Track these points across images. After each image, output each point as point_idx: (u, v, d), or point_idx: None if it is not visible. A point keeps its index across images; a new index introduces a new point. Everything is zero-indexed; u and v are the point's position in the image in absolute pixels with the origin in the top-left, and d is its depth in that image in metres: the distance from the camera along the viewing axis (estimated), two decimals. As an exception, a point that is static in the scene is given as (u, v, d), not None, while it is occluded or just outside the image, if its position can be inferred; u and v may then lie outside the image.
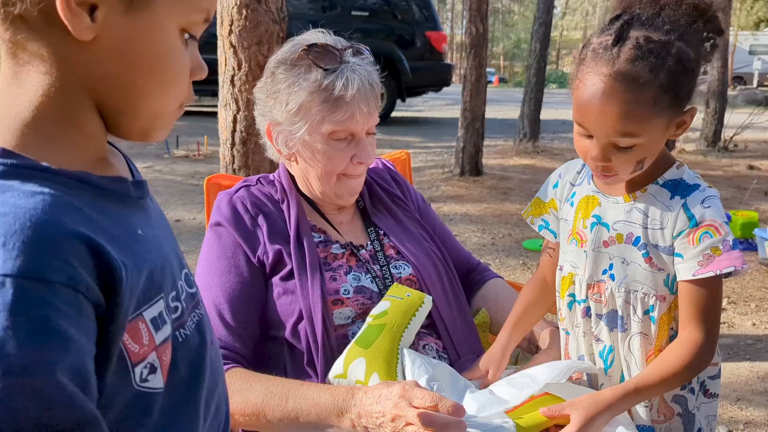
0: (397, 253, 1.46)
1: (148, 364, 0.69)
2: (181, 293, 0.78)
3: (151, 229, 0.76)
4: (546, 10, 8.60)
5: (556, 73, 41.49)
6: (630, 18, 1.12)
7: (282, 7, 2.92)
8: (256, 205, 1.42)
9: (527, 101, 8.75)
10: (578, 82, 1.14)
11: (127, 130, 0.73)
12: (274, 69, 1.39)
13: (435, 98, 16.86)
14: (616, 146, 1.13)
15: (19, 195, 0.61)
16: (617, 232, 1.24)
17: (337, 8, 10.62)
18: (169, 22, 0.69)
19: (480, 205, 5.86)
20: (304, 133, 1.36)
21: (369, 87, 1.36)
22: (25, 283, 0.57)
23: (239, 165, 3.02)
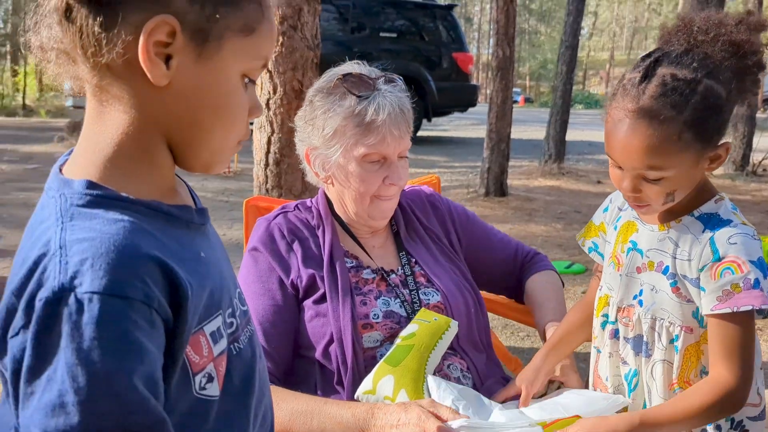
0: (428, 281, 1.52)
1: (206, 374, 0.77)
2: (236, 310, 0.87)
3: (212, 251, 0.85)
4: (572, 33, 8.66)
5: (583, 93, 41.35)
6: (660, 55, 1.16)
7: (316, 34, 3.04)
8: (292, 231, 1.50)
9: (553, 123, 8.78)
10: (607, 116, 1.20)
11: (193, 163, 0.82)
12: (312, 98, 1.49)
13: (460, 118, 16.94)
14: (644, 178, 1.17)
15: (103, 222, 0.70)
16: (649, 259, 1.27)
17: (366, 29, 10.79)
18: (233, 69, 0.78)
19: (505, 225, 5.90)
20: (339, 156, 1.44)
21: (399, 112, 1.44)
22: (109, 300, 0.65)
23: (272, 185, 3.13)
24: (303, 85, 3.00)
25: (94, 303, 0.64)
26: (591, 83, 58.92)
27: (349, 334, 1.37)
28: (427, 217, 1.66)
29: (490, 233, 1.74)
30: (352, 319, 1.38)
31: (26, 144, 10.15)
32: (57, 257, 0.66)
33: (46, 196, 0.75)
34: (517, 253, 1.74)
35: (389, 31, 10.89)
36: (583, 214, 6.46)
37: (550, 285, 1.67)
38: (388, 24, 10.93)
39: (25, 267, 0.68)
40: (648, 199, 1.20)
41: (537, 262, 1.74)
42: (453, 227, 1.68)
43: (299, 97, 2.96)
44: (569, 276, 4.56)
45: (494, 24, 6.54)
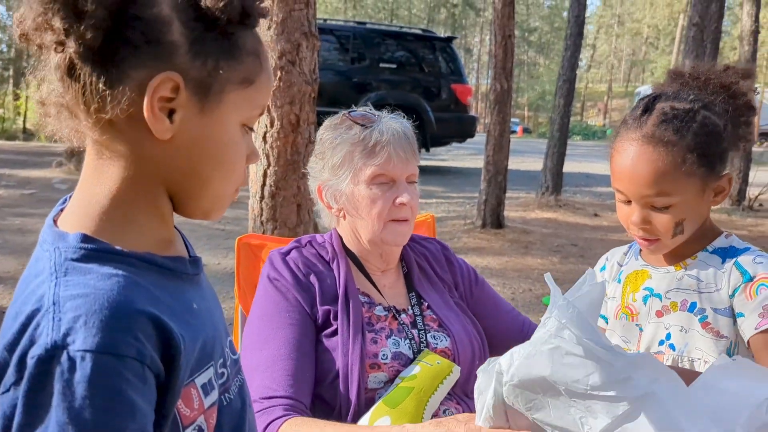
0: (439, 325, 1.51)
1: (196, 427, 0.77)
2: (227, 359, 0.86)
3: (204, 302, 0.85)
4: (570, 67, 8.75)
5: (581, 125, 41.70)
6: (657, 94, 1.23)
7: (314, 69, 3.07)
8: (307, 265, 1.50)
9: (550, 155, 8.83)
10: (612, 151, 1.25)
11: (192, 211, 0.83)
12: (321, 135, 1.54)
13: (459, 148, 17.04)
14: (653, 207, 1.19)
15: (97, 277, 0.70)
16: (671, 300, 1.26)
17: (366, 60, 10.90)
18: (233, 119, 0.79)
19: (501, 258, 5.89)
20: (348, 184, 1.46)
21: (403, 135, 1.48)
22: (101, 358, 0.65)
23: (267, 217, 3.13)
24: (300, 119, 3.02)
25: (86, 361, 0.64)
26: (589, 114, 59.41)
27: (356, 371, 1.36)
28: (441, 267, 1.66)
29: (499, 303, 1.71)
30: (360, 356, 1.37)
31: (24, 169, 10.17)
32: (50, 314, 0.66)
33: (41, 249, 0.75)
34: (522, 327, 1.69)
35: (389, 61, 10.99)
36: (579, 248, 6.46)
37: None
38: (388, 55, 11.05)
39: (18, 322, 0.67)
40: (657, 232, 1.21)
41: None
42: (463, 285, 1.67)
43: (296, 130, 2.98)
44: (565, 311, 4.53)
45: (492, 58, 6.61)
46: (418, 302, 1.54)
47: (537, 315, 4.45)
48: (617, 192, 1.24)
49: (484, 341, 1.56)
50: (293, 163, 2.99)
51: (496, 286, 5.03)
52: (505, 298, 4.73)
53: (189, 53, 0.72)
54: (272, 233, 3.12)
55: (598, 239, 6.93)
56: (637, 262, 1.35)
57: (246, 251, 1.84)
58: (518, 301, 4.76)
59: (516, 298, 4.83)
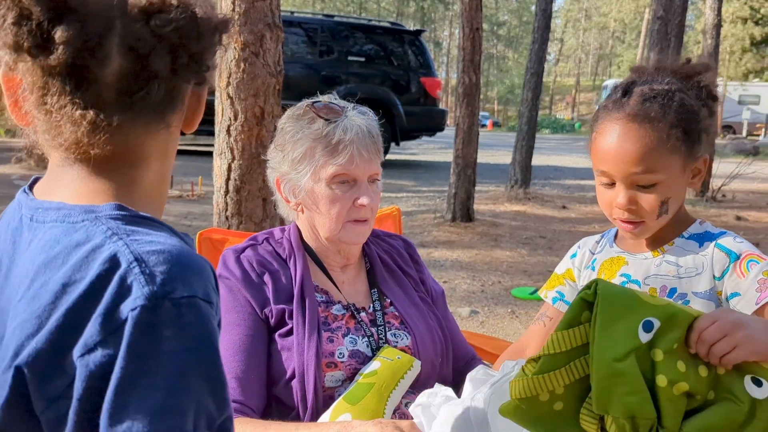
0: (401, 322, 1.48)
1: None
2: None
3: None
4: (538, 60, 8.81)
5: (549, 118, 42.12)
6: (633, 80, 1.26)
7: (279, 61, 3.01)
8: (262, 264, 1.46)
9: (519, 148, 8.89)
10: (595, 135, 1.25)
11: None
12: (283, 125, 1.49)
13: (429, 142, 17.08)
14: (638, 186, 1.20)
15: (160, 236, 0.73)
16: (649, 286, 1.27)
17: (335, 53, 10.84)
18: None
19: (470, 251, 5.91)
20: (308, 180, 1.42)
21: (368, 134, 1.44)
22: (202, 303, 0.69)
23: (232, 212, 3.08)
24: (265, 112, 2.97)
25: (194, 306, 0.68)
26: (557, 108, 60.03)
27: (312, 370, 1.33)
28: (406, 263, 1.63)
29: (454, 323, 1.66)
30: (316, 355, 1.34)
31: (-17, 164, 9.91)
32: (137, 268, 0.67)
33: (62, 225, 0.73)
34: (469, 354, 1.64)
35: (357, 54, 10.96)
36: (548, 240, 6.51)
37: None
38: (356, 48, 11.01)
39: (81, 287, 0.67)
40: (643, 213, 1.21)
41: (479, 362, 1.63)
42: (429, 285, 1.63)
43: (260, 123, 2.93)
44: (533, 302, 4.56)
45: (461, 51, 6.61)
46: (380, 299, 1.51)
47: (505, 307, 4.48)
48: (601, 175, 1.24)
49: (447, 337, 1.53)
50: (258, 156, 2.93)
51: (466, 279, 5.04)
52: (475, 290, 4.77)
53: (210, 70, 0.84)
54: (237, 228, 3.07)
55: (566, 231, 6.99)
56: (612, 249, 1.35)
57: (207, 246, 1.80)
58: (487, 292, 4.77)
59: (485, 290, 4.84)
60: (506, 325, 4.12)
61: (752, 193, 10.31)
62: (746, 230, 7.04)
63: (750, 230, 7.17)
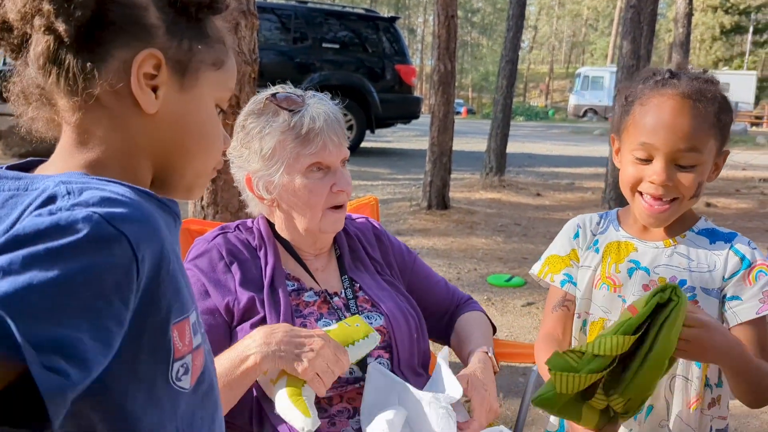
0: (372, 305, 1.51)
1: (184, 364, 0.78)
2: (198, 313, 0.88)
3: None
4: (512, 48, 8.84)
5: (523, 105, 42.33)
6: (671, 69, 1.30)
7: (254, 49, 2.98)
8: (231, 252, 1.46)
9: (494, 136, 8.93)
10: (640, 108, 1.26)
11: (177, 186, 0.87)
12: (243, 122, 1.46)
13: (404, 129, 17.07)
14: (677, 166, 1.22)
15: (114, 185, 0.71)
16: (659, 275, 1.29)
17: (308, 40, 10.75)
18: (209, 97, 0.86)
19: (446, 239, 5.94)
20: (282, 174, 1.42)
21: (335, 119, 1.45)
22: (110, 229, 0.65)
23: (208, 201, 3.05)
24: (240, 100, 2.93)
25: (95, 224, 0.64)
26: (531, 95, 60.34)
27: None
28: (372, 248, 1.65)
29: (430, 276, 1.73)
30: None
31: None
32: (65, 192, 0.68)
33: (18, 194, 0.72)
34: (452, 298, 1.73)
35: (332, 41, 10.87)
36: (522, 227, 6.57)
37: (476, 321, 1.66)
38: (330, 35, 10.92)
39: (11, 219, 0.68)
40: (682, 189, 1.23)
41: (470, 304, 1.73)
42: (395, 262, 1.67)
43: (236, 113, 2.89)
44: (509, 289, 4.61)
45: (436, 39, 6.60)
46: (350, 285, 1.53)
47: (482, 294, 4.51)
48: (640, 148, 1.24)
49: (419, 315, 1.56)
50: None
51: (442, 266, 5.07)
52: (451, 277, 4.79)
53: (166, 34, 0.79)
54: (213, 218, 3.04)
55: (541, 218, 7.06)
56: (619, 232, 1.37)
57: (185, 236, 1.78)
58: (463, 280, 4.81)
59: (461, 277, 4.87)
60: (482, 312, 4.15)
61: (721, 180, 10.48)
62: (716, 216, 7.18)
63: (719, 216, 7.31)
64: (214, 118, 0.87)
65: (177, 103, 0.82)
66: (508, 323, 4.00)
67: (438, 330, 1.69)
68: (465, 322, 1.66)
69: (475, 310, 1.71)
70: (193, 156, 0.86)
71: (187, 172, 0.87)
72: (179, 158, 0.85)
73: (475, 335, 1.59)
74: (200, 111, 0.85)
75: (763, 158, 13.56)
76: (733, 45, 39.96)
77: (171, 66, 0.80)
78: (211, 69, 0.85)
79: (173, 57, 0.80)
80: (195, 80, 0.83)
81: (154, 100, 0.79)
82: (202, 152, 0.87)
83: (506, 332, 3.85)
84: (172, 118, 0.82)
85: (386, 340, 1.47)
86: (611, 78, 30.76)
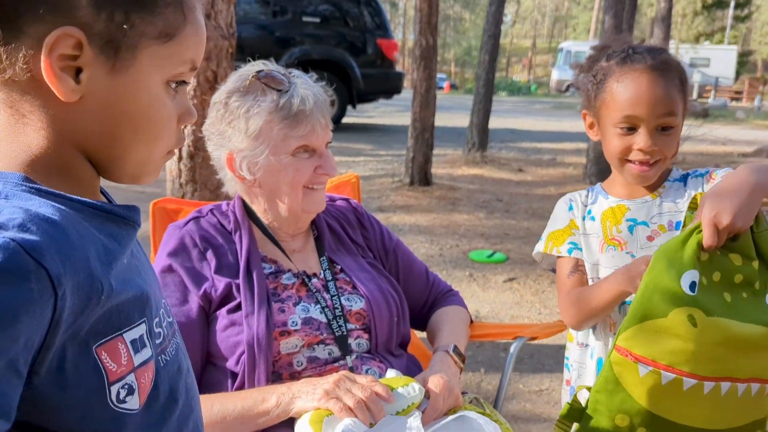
0: (353, 287, 1.49)
1: (125, 385, 0.70)
2: (163, 321, 0.81)
3: (140, 255, 0.81)
4: (495, 22, 8.76)
5: (506, 80, 42.21)
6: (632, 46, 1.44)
7: (231, 23, 2.92)
8: (205, 239, 1.43)
9: (476, 111, 8.89)
10: (616, 86, 1.38)
11: (119, 176, 0.77)
12: (227, 99, 1.41)
13: (386, 105, 16.96)
14: (660, 129, 1.36)
15: (39, 204, 0.65)
16: (657, 224, 1.42)
17: (288, 13, 10.58)
18: (153, 79, 0.73)
19: (429, 215, 5.93)
20: (267, 155, 1.39)
21: (323, 100, 1.42)
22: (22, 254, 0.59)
23: (186, 179, 3.00)
24: (218, 76, 2.88)
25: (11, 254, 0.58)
26: (514, 70, 60.19)
27: (264, 341, 1.32)
28: (353, 230, 1.62)
29: (412, 263, 1.70)
30: (267, 327, 1.33)
31: None
32: None
33: None
34: (432, 288, 1.71)
35: (312, 15, 10.71)
36: (504, 203, 6.58)
37: (449, 316, 1.64)
38: (311, 8, 10.75)
39: None
40: (665, 151, 1.38)
41: (449, 297, 1.72)
42: (376, 247, 1.64)
43: (214, 88, 2.83)
44: (491, 265, 4.62)
45: (417, 13, 6.52)
46: (330, 266, 1.50)
47: (463, 270, 4.52)
48: (624, 121, 1.37)
49: (402, 297, 1.55)
50: (212, 122, 2.85)
51: (424, 243, 5.07)
52: (433, 254, 4.80)
53: (91, 6, 0.66)
54: (192, 196, 3.00)
55: (523, 194, 7.07)
56: (609, 199, 1.48)
57: (162, 216, 1.75)
58: (446, 256, 4.81)
59: (444, 253, 4.88)
60: (464, 287, 4.17)
61: (701, 155, 10.57)
62: (695, 191, 7.22)
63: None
64: (161, 101, 0.74)
65: (107, 87, 0.70)
66: (490, 299, 4.01)
67: (416, 321, 1.68)
68: (438, 317, 1.64)
69: (452, 303, 1.69)
70: (131, 145, 0.74)
71: (128, 162, 0.76)
72: (115, 148, 0.73)
73: (444, 332, 1.57)
74: (140, 95, 0.72)
75: (742, 133, 13.69)
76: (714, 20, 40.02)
77: (97, 44, 0.67)
78: (157, 43, 0.71)
79: (101, 33, 0.67)
80: (132, 59, 0.70)
81: (73, 86, 0.67)
82: (143, 140, 0.74)
83: (488, 308, 3.86)
84: (103, 106, 0.70)
85: (366, 323, 1.45)
86: (593, 53, 30.75)
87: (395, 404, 1.24)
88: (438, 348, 1.51)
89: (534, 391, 2.93)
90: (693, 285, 1.12)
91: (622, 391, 1.17)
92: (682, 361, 1.11)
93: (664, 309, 1.11)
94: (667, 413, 1.15)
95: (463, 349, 1.52)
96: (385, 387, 1.23)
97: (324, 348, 1.39)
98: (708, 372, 1.11)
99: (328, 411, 1.19)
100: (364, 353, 1.43)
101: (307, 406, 1.21)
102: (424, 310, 1.69)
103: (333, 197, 1.69)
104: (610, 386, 1.19)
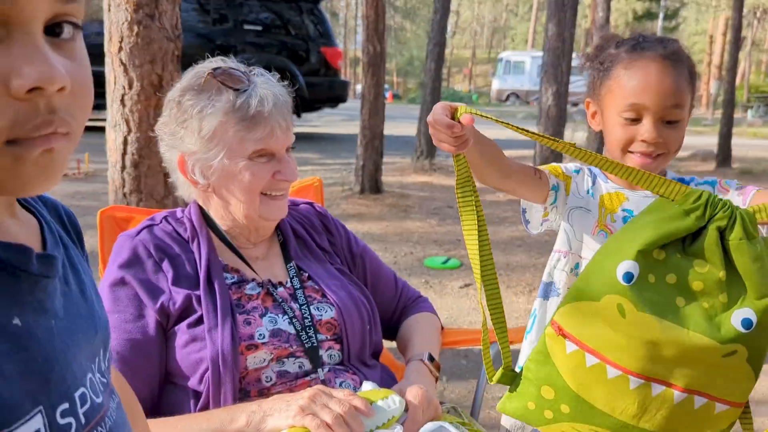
0: (322, 295, 1.40)
1: None
2: (79, 405, 0.62)
3: (46, 319, 0.61)
4: (440, 30, 8.82)
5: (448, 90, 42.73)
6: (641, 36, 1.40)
7: (177, 24, 2.78)
8: (160, 248, 1.31)
9: (423, 120, 8.90)
10: (625, 72, 1.33)
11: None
12: (180, 98, 1.31)
13: (331, 114, 16.88)
14: (666, 122, 1.32)
15: None
16: None
17: (229, 21, 10.41)
18: None
19: (381, 223, 5.87)
20: (222, 159, 1.28)
21: (283, 102, 1.32)
22: None
23: (131, 189, 2.84)
24: (163, 80, 2.73)
25: None
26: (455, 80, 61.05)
27: (230, 356, 1.21)
28: (319, 236, 1.53)
29: (380, 270, 1.63)
30: (232, 341, 1.23)
31: None
32: None
33: None
34: (402, 294, 1.64)
35: (253, 23, 10.56)
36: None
37: (419, 324, 1.57)
38: (252, 16, 10.60)
39: None
40: (670, 145, 1.33)
41: (419, 304, 1.65)
42: (343, 251, 1.56)
43: (158, 92, 2.69)
44: (446, 272, 4.58)
45: (364, 20, 6.48)
46: (297, 274, 1.41)
47: (419, 277, 4.47)
48: (629, 110, 1.32)
49: (372, 304, 1.47)
50: (158, 128, 2.71)
51: (378, 251, 4.99)
52: (388, 262, 4.72)
53: None
54: (137, 206, 2.84)
55: (473, 200, 7.09)
56: (609, 184, 1.43)
57: (110, 225, 1.61)
58: (400, 264, 4.74)
59: (398, 261, 4.81)
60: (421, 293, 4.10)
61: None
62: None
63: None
64: None
65: None
66: (447, 305, 3.96)
67: (385, 330, 1.59)
68: (409, 325, 1.57)
69: (422, 310, 1.62)
70: None
71: None
72: None
73: (416, 340, 1.50)
74: None
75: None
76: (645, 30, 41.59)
77: None
78: None
79: None
80: None
81: None
82: None
83: (446, 314, 3.81)
84: None
85: (338, 333, 1.37)
86: (533, 62, 31.48)
87: (375, 418, 1.16)
88: (412, 357, 1.43)
89: (498, 397, 2.88)
90: (629, 276, 1.07)
91: (550, 364, 1.16)
92: (609, 348, 1.09)
93: (599, 292, 1.10)
94: (589, 397, 1.12)
95: (437, 357, 1.45)
96: (364, 400, 1.16)
97: (294, 361, 1.29)
98: (637, 368, 1.07)
99: (304, 429, 1.11)
100: (337, 365, 1.34)
101: (281, 424, 1.12)
102: (394, 318, 1.61)
103: (296, 201, 1.59)
104: (540, 357, 1.17)
